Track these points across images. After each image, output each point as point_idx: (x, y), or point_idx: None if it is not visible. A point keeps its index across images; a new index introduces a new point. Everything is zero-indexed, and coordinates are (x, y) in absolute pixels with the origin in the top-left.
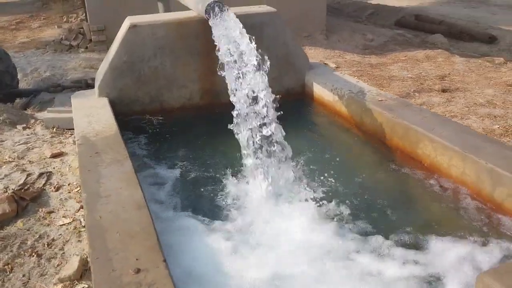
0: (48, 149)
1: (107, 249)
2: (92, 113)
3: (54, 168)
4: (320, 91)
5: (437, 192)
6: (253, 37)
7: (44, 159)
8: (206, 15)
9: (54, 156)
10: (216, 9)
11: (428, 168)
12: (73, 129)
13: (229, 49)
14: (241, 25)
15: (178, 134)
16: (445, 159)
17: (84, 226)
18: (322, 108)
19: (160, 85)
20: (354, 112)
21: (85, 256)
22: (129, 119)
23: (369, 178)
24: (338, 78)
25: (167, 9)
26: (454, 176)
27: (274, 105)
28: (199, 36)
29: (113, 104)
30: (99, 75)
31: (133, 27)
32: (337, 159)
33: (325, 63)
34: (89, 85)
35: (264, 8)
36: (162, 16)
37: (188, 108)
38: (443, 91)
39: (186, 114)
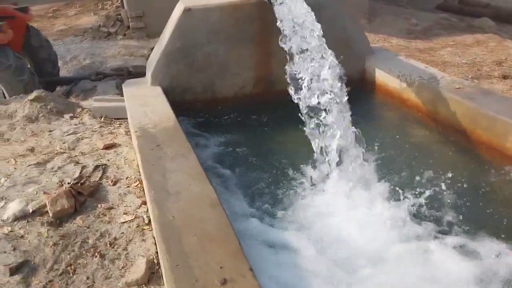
0: (99, 140)
1: (185, 254)
2: (147, 103)
3: (108, 160)
4: (384, 78)
5: None
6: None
7: (97, 150)
8: None
9: (107, 147)
10: None
11: None
12: (122, 118)
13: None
14: (308, 7)
15: (235, 126)
16: None
17: (147, 224)
18: (386, 96)
19: (213, 73)
20: (426, 101)
21: (151, 258)
22: (181, 108)
23: (456, 175)
24: (405, 63)
25: None
26: None
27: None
28: (254, 20)
29: (165, 93)
30: (151, 62)
31: (187, 10)
32: (414, 154)
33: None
34: (130, 73)
35: None
36: (216, 0)
37: (241, 97)
38: (504, 77)
39: (241, 104)
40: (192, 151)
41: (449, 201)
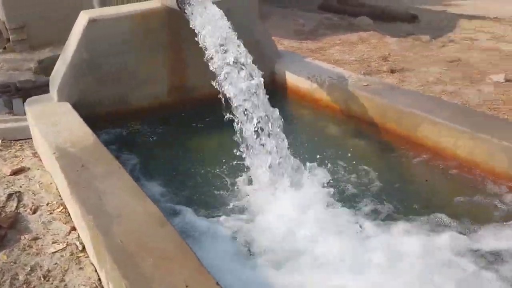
0: (4, 166)
1: (146, 278)
2: (58, 121)
3: (21, 186)
4: (295, 80)
5: (443, 173)
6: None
7: (4, 177)
8: (180, 4)
9: (15, 172)
10: None
11: (430, 151)
12: (22, 139)
13: (215, 41)
14: (221, 12)
15: (152, 138)
16: (451, 140)
17: (82, 251)
18: (298, 97)
19: (125, 84)
20: (338, 100)
21: (94, 286)
22: (93, 123)
23: (373, 164)
24: (313, 65)
25: (102, 3)
26: (462, 156)
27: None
28: (164, 28)
29: (75, 109)
30: (56, 77)
31: (92, 21)
32: (334, 148)
33: None
34: (18, 89)
35: None
36: (122, 9)
37: (156, 107)
38: (392, 71)
39: (156, 114)
40: (122, 169)
41: (369, 186)
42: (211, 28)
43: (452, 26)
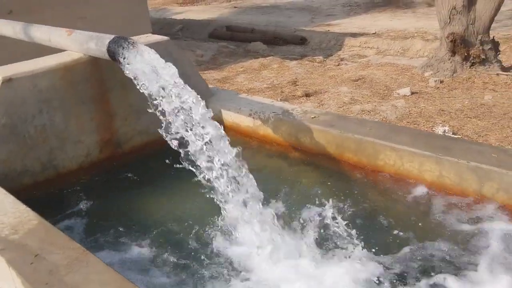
0: None
1: None
2: None
3: None
4: (234, 118)
5: (411, 199)
6: None
7: None
8: (113, 54)
9: None
10: (126, 45)
11: (394, 178)
12: None
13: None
14: (162, 60)
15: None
16: (415, 166)
17: None
18: (241, 135)
19: (51, 146)
20: (287, 134)
21: None
22: (20, 197)
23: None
24: (251, 101)
25: None
26: (429, 180)
27: None
28: (89, 80)
29: None
30: None
31: (7, 81)
32: (291, 185)
33: None
34: None
35: (155, 37)
36: (40, 63)
37: (88, 167)
38: (307, 95)
39: (89, 174)
40: (88, 252)
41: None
42: (152, 74)
43: (340, 45)
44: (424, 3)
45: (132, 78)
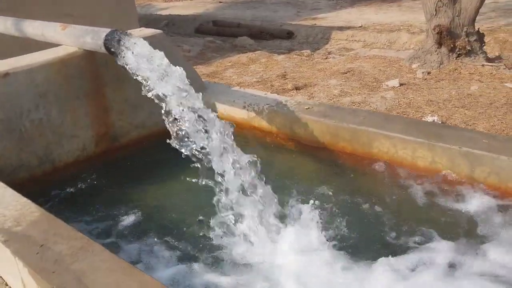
0: None
1: None
2: None
3: None
4: (229, 111)
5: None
6: None
7: None
8: (110, 47)
9: None
10: (123, 38)
11: (389, 165)
12: None
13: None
14: (160, 52)
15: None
16: (408, 152)
17: None
18: (236, 127)
19: (47, 140)
20: (281, 125)
21: None
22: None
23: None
24: (244, 93)
25: None
26: (422, 166)
27: None
28: (84, 74)
29: None
30: None
31: (4, 75)
32: (290, 175)
33: None
34: None
35: (148, 31)
36: (36, 57)
37: (84, 160)
38: (297, 89)
39: (85, 168)
40: (92, 241)
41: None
42: (149, 65)
43: (327, 38)
44: None
45: (129, 70)
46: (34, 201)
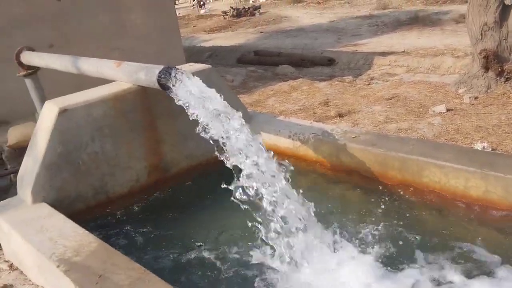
0: None
1: None
2: (45, 227)
3: None
4: (274, 140)
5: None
6: None
7: None
8: (163, 83)
9: None
10: (175, 74)
11: (440, 195)
12: None
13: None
14: (212, 89)
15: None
16: (461, 182)
17: None
18: (280, 156)
19: (102, 172)
20: (327, 154)
21: None
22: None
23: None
24: (289, 123)
25: (37, 85)
26: (475, 196)
27: None
28: (137, 108)
29: (54, 209)
30: (26, 177)
31: (63, 111)
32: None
33: None
34: None
35: (198, 66)
36: (92, 93)
37: (137, 191)
38: (340, 116)
39: (138, 198)
40: (149, 272)
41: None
42: (203, 101)
43: (369, 64)
44: (451, 20)
45: (182, 104)
46: (89, 231)
